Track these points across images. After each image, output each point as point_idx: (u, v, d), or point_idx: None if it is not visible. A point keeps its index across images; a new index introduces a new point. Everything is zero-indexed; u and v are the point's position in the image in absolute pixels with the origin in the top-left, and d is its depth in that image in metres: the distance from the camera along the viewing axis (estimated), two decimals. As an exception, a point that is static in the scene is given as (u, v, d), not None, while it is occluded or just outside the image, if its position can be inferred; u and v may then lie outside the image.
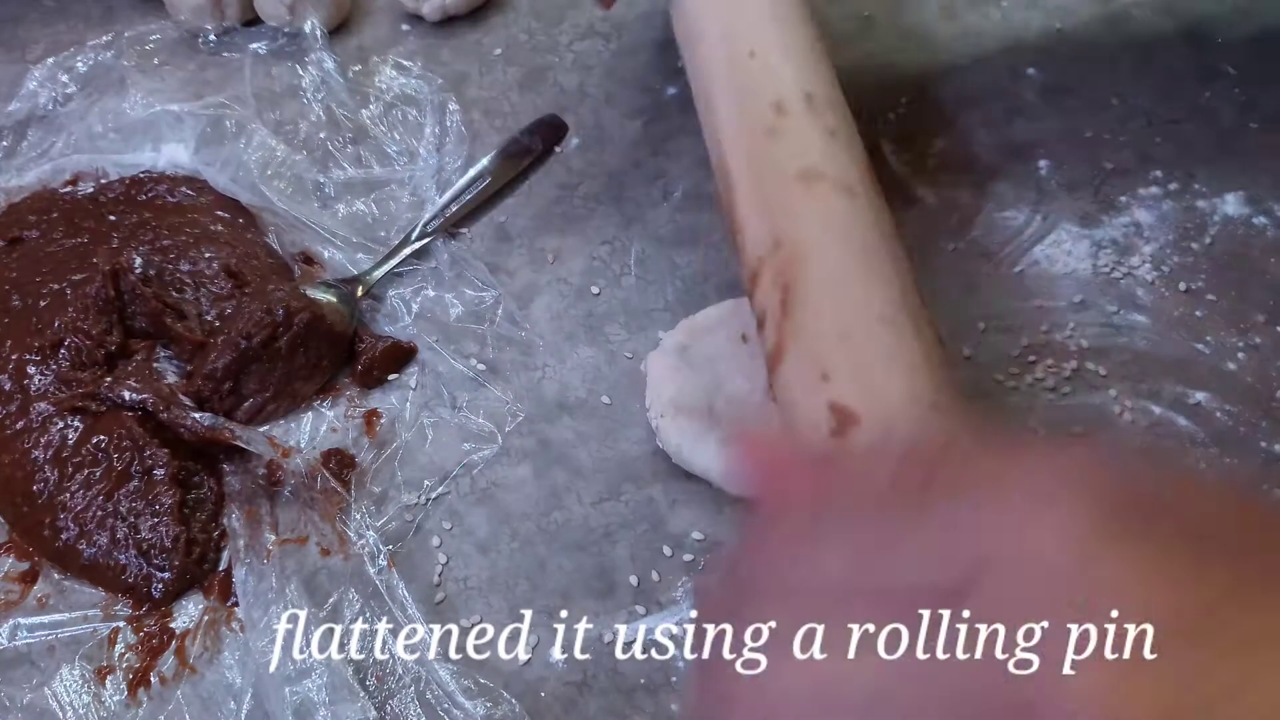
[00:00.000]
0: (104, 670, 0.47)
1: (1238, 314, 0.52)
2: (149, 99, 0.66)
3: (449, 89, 0.66)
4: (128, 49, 0.69)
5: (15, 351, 0.53)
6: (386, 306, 0.57)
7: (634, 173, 0.62)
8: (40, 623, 0.48)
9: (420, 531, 0.50)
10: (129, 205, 0.61)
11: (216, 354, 0.52)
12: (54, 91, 0.67)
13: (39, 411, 0.52)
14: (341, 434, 0.53)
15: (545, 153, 0.63)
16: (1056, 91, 0.61)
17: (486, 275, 0.57)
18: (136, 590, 0.48)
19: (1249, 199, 0.56)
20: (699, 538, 0.49)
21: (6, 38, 0.72)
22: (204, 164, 0.63)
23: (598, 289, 0.57)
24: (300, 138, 0.64)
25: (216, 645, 0.47)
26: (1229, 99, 0.60)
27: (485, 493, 0.51)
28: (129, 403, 0.51)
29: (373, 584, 0.48)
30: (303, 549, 0.49)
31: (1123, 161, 0.59)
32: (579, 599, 0.47)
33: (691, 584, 0.47)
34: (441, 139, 0.63)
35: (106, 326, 0.54)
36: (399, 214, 0.61)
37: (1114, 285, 0.54)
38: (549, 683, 0.45)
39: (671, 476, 0.50)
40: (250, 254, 0.58)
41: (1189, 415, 0.49)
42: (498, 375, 0.54)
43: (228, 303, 0.56)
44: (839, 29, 0.67)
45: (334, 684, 0.44)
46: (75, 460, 0.50)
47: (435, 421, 0.53)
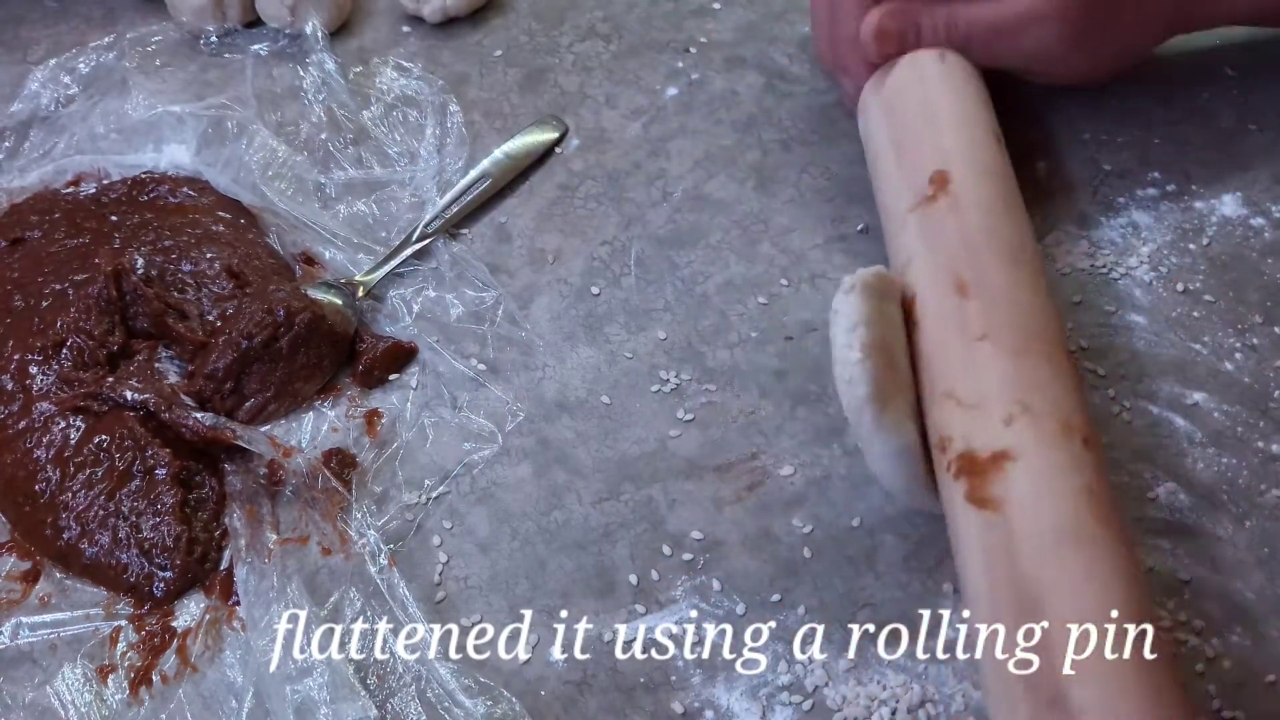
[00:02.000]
0: (106, 669, 0.47)
1: (1235, 315, 0.53)
2: (151, 100, 0.66)
3: (449, 90, 0.66)
4: (129, 50, 0.69)
5: (17, 351, 0.54)
6: (387, 307, 0.58)
7: (634, 173, 0.62)
8: (42, 621, 0.48)
9: (421, 531, 0.50)
10: (131, 206, 0.61)
11: (218, 354, 0.53)
12: (56, 92, 0.67)
13: (41, 411, 0.52)
14: (342, 434, 0.53)
15: (546, 153, 0.63)
16: (1055, 92, 0.61)
17: (487, 276, 0.57)
18: (138, 589, 0.48)
19: (1246, 200, 0.57)
20: (699, 537, 0.49)
21: (8, 39, 0.73)
22: (205, 165, 0.63)
23: (598, 289, 0.57)
24: (301, 139, 0.64)
25: (218, 644, 0.47)
26: (1228, 100, 0.61)
27: (485, 492, 0.51)
28: (131, 403, 0.51)
29: (373, 583, 0.48)
30: (304, 548, 0.49)
31: (1121, 163, 0.59)
32: (579, 598, 0.48)
33: (691, 582, 0.47)
34: (442, 140, 0.64)
35: (108, 327, 0.54)
36: (400, 215, 0.61)
37: (1112, 285, 0.54)
38: (549, 682, 0.46)
39: (671, 476, 0.51)
40: (251, 254, 0.58)
41: (1186, 415, 0.50)
42: (498, 375, 0.55)
43: (229, 303, 0.56)
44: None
45: (335, 683, 0.44)
46: (77, 460, 0.51)
47: (436, 421, 0.53)
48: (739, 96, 0.65)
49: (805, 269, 0.57)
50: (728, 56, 0.67)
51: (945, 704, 0.44)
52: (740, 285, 0.57)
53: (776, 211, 0.59)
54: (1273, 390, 0.50)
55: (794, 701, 0.44)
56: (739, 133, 0.63)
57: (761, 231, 0.59)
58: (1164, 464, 0.48)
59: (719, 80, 0.66)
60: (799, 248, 0.58)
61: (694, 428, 0.52)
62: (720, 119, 0.64)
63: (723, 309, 0.56)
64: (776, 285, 0.57)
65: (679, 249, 0.59)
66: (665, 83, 0.66)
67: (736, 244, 0.58)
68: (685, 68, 0.67)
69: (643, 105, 0.65)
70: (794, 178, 0.61)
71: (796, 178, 0.61)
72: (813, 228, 0.58)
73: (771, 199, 0.60)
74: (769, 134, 0.63)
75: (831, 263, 0.57)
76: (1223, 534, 0.46)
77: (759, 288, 0.56)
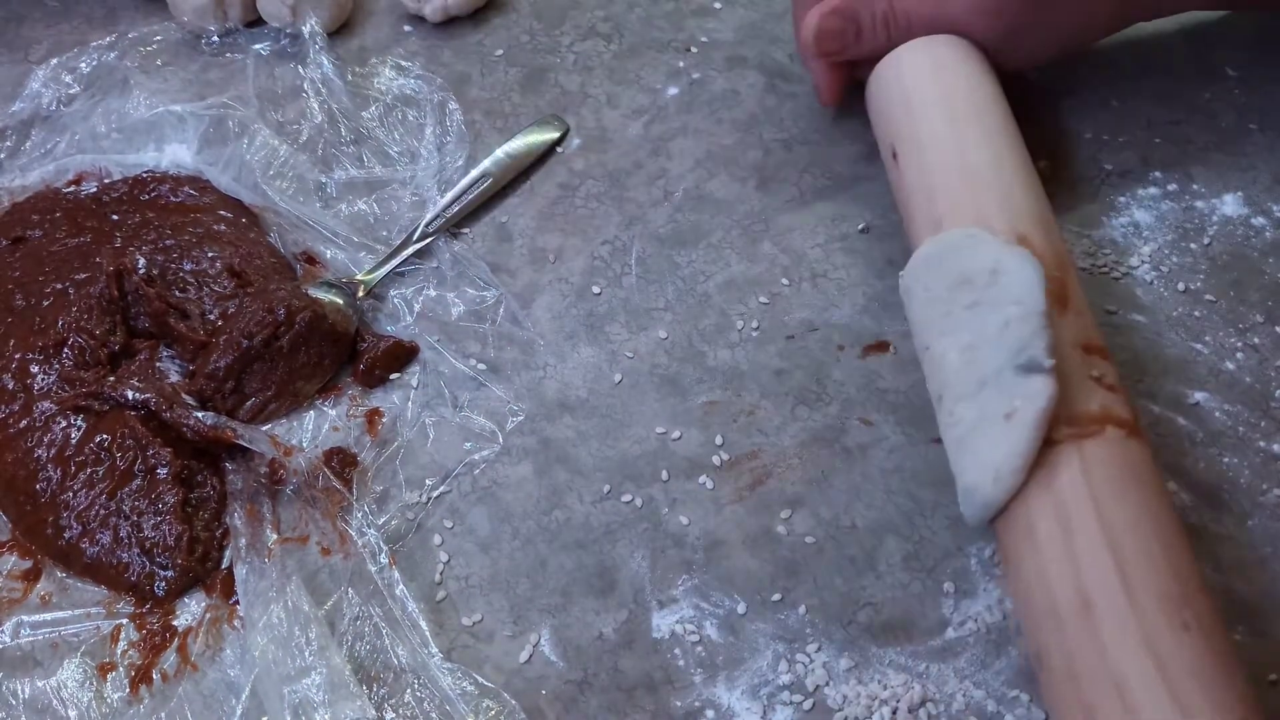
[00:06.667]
0: (106, 667, 0.47)
1: (1236, 314, 0.53)
2: (152, 99, 0.66)
3: (450, 89, 0.66)
4: (131, 50, 0.69)
5: (19, 351, 0.54)
6: (388, 306, 0.58)
7: (635, 173, 0.62)
8: (43, 620, 0.48)
9: (421, 530, 0.50)
10: (132, 205, 0.61)
11: (219, 353, 0.53)
12: (57, 92, 0.67)
13: (42, 410, 0.52)
14: (343, 433, 0.53)
15: (547, 153, 0.63)
16: (1056, 93, 0.61)
17: (488, 275, 0.57)
18: (139, 588, 0.48)
19: (1247, 200, 0.57)
20: (699, 537, 0.49)
21: (10, 38, 0.73)
22: (206, 164, 0.63)
23: (598, 288, 0.57)
24: (302, 138, 0.64)
25: (219, 643, 0.47)
26: (1229, 100, 0.61)
27: (486, 491, 0.51)
28: (132, 402, 0.51)
29: (373, 582, 0.48)
30: (304, 548, 0.49)
31: (1122, 163, 0.59)
32: (579, 598, 0.48)
33: (691, 582, 0.47)
34: (442, 139, 0.64)
35: (109, 326, 0.54)
36: (401, 214, 0.61)
37: (1113, 285, 0.54)
38: (549, 681, 0.46)
39: (671, 476, 0.51)
40: (253, 253, 0.58)
41: (1187, 415, 0.50)
42: (499, 374, 0.55)
43: (230, 302, 0.56)
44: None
45: (333, 683, 0.44)
46: (78, 459, 0.51)
47: (437, 420, 0.53)
48: (740, 96, 0.65)
49: (806, 268, 0.57)
50: (729, 56, 0.67)
51: (946, 704, 0.44)
52: (741, 284, 0.57)
53: (777, 211, 0.59)
54: (1274, 390, 0.50)
55: (794, 701, 0.44)
56: (740, 132, 0.63)
57: (762, 231, 0.59)
58: (1165, 463, 0.48)
59: (720, 80, 0.66)
60: (800, 247, 0.58)
61: (694, 427, 0.52)
62: (721, 118, 0.64)
63: (724, 308, 0.56)
64: (777, 284, 0.57)
65: (680, 248, 0.59)
66: (666, 82, 0.66)
67: (737, 243, 0.58)
68: (686, 67, 0.67)
69: (644, 105, 0.65)
70: (795, 177, 0.61)
71: (797, 177, 0.61)
72: (814, 227, 0.58)
73: (772, 198, 0.60)
74: (770, 133, 0.63)
75: (832, 262, 0.57)
76: (1224, 533, 0.46)
77: (760, 287, 0.56)
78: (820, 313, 0.55)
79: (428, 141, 0.64)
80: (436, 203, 0.60)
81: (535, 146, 0.63)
